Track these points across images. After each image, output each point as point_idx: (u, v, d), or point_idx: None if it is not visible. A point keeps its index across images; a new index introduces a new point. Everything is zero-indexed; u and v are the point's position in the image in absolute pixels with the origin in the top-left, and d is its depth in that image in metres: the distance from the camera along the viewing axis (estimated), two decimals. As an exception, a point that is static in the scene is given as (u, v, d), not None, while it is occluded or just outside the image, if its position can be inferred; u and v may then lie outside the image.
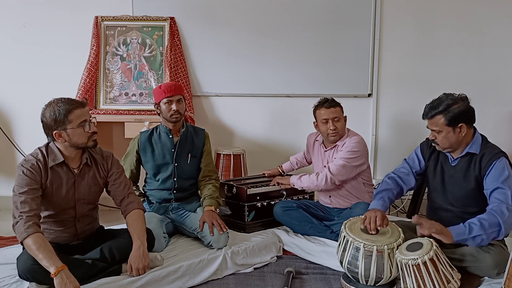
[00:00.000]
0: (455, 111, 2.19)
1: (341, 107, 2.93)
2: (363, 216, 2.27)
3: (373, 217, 2.19)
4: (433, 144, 2.33)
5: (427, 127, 2.31)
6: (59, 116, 2.09)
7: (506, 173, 2.15)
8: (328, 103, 2.89)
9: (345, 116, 2.96)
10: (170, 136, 2.80)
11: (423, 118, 2.31)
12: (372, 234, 2.18)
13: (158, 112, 2.80)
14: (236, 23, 3.78)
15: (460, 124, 2.21)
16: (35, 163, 2.11)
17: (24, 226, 1.96)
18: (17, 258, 2.07)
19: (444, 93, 2.28)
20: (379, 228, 2.19)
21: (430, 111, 2.25)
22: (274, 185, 3.07)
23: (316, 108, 2.94)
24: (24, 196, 2.03)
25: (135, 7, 3.73)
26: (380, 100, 3.89)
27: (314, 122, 3.00)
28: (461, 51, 3.82)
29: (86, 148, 2.20)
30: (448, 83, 3.75)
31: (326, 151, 2.98)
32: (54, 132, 2.12)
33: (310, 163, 3.25)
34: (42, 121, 2.16)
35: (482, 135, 2.32)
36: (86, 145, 2.17)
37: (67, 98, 2.17)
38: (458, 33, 3.81)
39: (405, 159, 2.55)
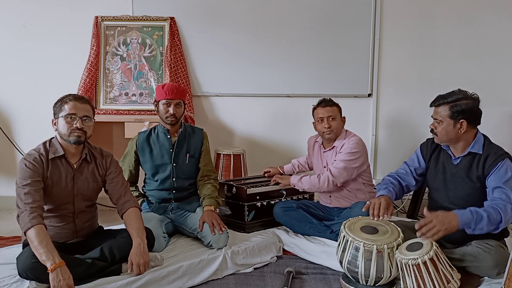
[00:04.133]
0: (461, 106, 2.23)
1: (339, 107, 2.97)
2: (368, 202, 2.29)
3: (377, 203, 2.20)
4: (432, 134, 2.34)
5: (432, 116, 2.33)
6: (58, 104, 2.21)
7: (509, 175, 2.16)
8: (324, 102, 2.96)
9: (344, 117, 2.98)
10: (168, 136, 2.80)
11: (430, 106, 2.34)
12: (375, 220, 2.20)
13: (156, 110, 2.81)
14: (236, 23, 3.78)
15: (461, 120, 2.23)
16: (38, 157, 2.17)
17: (29, 217, 2.00)
18: (17, 258, 2.08)
19: (459, 89, 2.31)
20: (381, 218, 2.18)
21: (439, 99, 2.29)
22: (274, 184, 3.07)
23: (314, 108, 3.00)
24: (27, 188, 2.07)
25: (135, 7, 3.73)
26: (380, 100, 3.89)
27: (313, 123, 3.02)
28: (461, 51, 3.82)
29: (68, 142, 2.20)
30: (448, 83, 3.70)
31: (325, 152, 3.00)
32: (52, 119, 2.23)
33: (311, 168, 3.26)
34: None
35: (484, 136, 2.32)
36: (68, 137, 2.19)
37: (77, 94, 2.31)
38: (458, 33, 3.81)
39: (405, 162, 2.56)
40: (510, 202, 2.11)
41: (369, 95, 3.86)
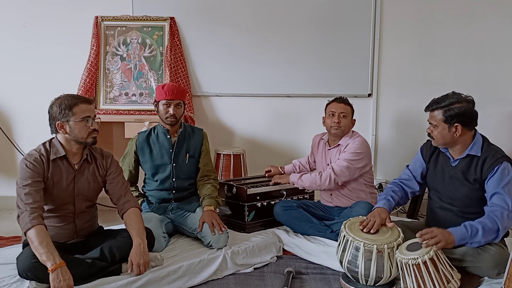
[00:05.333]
0: (455, 110, 2.22)
1: (352, 108, 3.00)
2: (365, 218, 2.29)
3: (371, 222, 2.22)
4: (428, 137, 2.36)
5: (428, 120, 2.33)
6: (65, 108, 2.17)
7: (507, 179, 2.16)
8: (340, 99, 3.00)
9: (354, 120, 3.00)
10: (168, 137, 2.80)
11: (425, 110, 2.34)
12: (371, 233, 2.19)
13: (156, 110, 2.81)
14: (236, 23, 3.78)
15: (456, 124, 2.22)
16: (38, 157, 2.16)
17: (30, 217, 2.01)
18: (17, 258, 2.09)
19: (453, 91, 2.30)
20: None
21: (433, 104, 2.29)
22: (274, 184, 3.06)
23: (328, 104, 3.03)
24: (28, 188, 2.08)
25: (135, 7, 3.73)
26: (380, 100, 3.89)
27: (323, 117, 3.04)
28: (461, 51, 3.82)
29: (85, 144, 2.24)
30: (448, 83, 3.75)
31: (329, 149, 3.01)
32: (57, 122, 2.17)
33: (312, 169, 3.26)
34: (48, 112, 2.22)
35: (483, 136, 2.32)
36: (86, 140, 2.21)
37: (76, 94, 2.28)
38: (458, 33, 3.80)
39: (407, 166, 2.57)
40: (507, 209, 2.11)
41: (369, 95, 3.86)
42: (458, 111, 2.21)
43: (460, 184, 2.29)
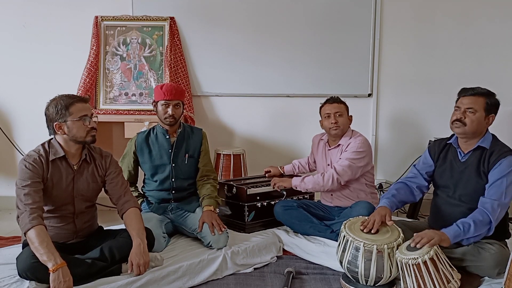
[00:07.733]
0: (495, 100, 2.30)
1: (346, 106, 2.99)
2: (367, 218, 2.28)
3: (371, 222, 2.22)
4: (456, 123, 2.28)
5: (457, 106, 2.31)
6: (61, 108, 2.16)
7: (509, 170, 2.17)
8: (332, 99, 2.99)
9: (351, 116, 3.00)
10: (167, 137, 2.80)
11: (463, 94, 2.32)
12: (371, 233, 2.19)
13: (155, 110, 2.81)
14: (236, 23, 3.78)
15: (491, 115, 2.28)
16: (37, 158, 2.16)
17: (29, 218, 2.01)
18: (16, 258, 2.09)
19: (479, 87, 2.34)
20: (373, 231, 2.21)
21: (474, 89, 2.31)
22: (273, 188, 3.02)
23: (321, 106, 3.02)
24: (27, 189, 2.07)
25: (135, 7, 3.73)
26: (380, 100, 3.88)
27: (320, 121, 3.03)
28: (461, 51, 3.82)
29: (84, 143, 2.24)
30: (448, 83, 3.75)
31: (330, 149, 3.00)
32: (55, 123, 2.17)
33: (311, 170, 3.26)
34: (45, 114, 2.22)
35: (492, 134, 2.35)
36: (85, 139, 2.21)
37: (71, 94, 2.26)
38: (458, 33, 3.80)
39: (414, 165, 2.58)
40: (498, 199, 2.14)
41: (369, 95, 3.86)
42: (497, 102, 2.30)
43: (469, 180, 2.29)
